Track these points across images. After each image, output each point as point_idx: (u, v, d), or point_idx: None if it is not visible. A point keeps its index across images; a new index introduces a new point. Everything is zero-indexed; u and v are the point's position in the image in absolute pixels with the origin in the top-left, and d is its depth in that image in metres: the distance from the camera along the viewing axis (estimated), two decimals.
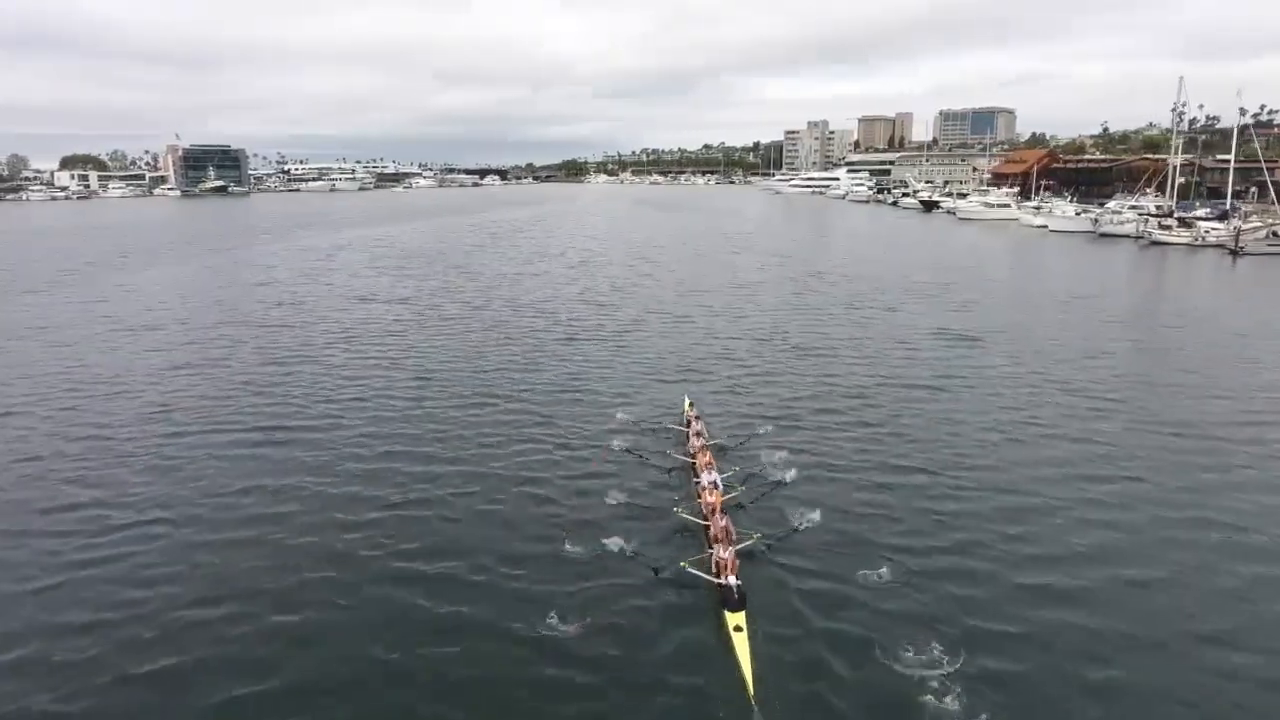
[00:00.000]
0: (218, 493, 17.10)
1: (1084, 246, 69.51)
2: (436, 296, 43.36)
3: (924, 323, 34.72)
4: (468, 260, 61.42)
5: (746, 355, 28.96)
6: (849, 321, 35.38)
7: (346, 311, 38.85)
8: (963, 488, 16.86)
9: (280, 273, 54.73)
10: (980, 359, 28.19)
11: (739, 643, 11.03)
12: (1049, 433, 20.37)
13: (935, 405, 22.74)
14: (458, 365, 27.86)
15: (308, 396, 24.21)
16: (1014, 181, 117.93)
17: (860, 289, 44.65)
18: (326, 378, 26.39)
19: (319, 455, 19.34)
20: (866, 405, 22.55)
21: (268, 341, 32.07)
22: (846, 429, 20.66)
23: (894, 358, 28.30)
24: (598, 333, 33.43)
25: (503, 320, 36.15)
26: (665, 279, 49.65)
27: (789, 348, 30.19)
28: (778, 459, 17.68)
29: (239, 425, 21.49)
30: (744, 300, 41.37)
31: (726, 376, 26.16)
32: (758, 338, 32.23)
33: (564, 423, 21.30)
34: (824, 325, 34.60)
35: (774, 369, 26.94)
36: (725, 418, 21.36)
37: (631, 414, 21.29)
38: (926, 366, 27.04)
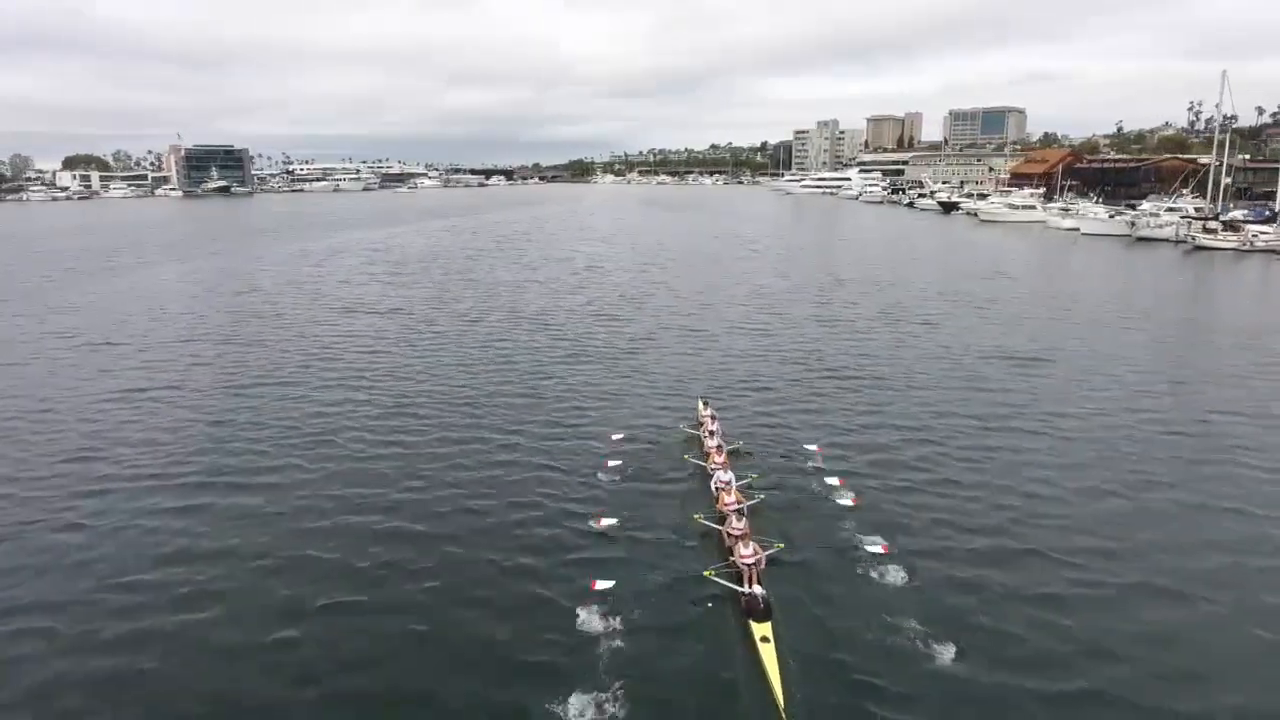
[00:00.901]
0: (135, 574, 13.54)
1: (1122, 252, 65.28)
2: (430, 307, 39.70)
3: (973, 340, 30.84)
4: (467, 266, 57.77)
5: (775, 379, 25.15)
6: (888, 339, 31.48)
7: (328, 326, 35.21)
8: (1000, 496, 16.26)
9: (265, 279, 51.20)
10: (1048, 385, 24.33)
11: (767, 655, 10.65)
12: (1140, 474, 17.10)
13: (996, 435, 19.83)
14: (447, 391, 24.17)
15: (268, 432, 20.58)
16: (1040, 182, 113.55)
17: (893, 299, 40.76)
18: (293, 408, 22.75)
19: (278, 500, 16.14)
20: (925, 441, 18.92)
21: (232, 363, 28.45)
22: (899, 450, 18.60)
23: (948, 384, 24.47)
24: (606, 350, 29.68)
25: (501, 336, 32.44)
26: (678, 287, 45.87)
27: (824, 371, 26.38)
28: (798, 462, 17.41)
29: (175, 477, 17.87)
30: (766, 312, 37.54)
31: (753, 398, 22.86)
32: (786, 357, 28.45)
33: (567, 441, 19.79)
34: (859, 342, 30.74)
35: (809, 396, 23.14)
36: (751, 431, 20.20)
37: (645, 421, 20.83)
38: (986, 395, 23.22)
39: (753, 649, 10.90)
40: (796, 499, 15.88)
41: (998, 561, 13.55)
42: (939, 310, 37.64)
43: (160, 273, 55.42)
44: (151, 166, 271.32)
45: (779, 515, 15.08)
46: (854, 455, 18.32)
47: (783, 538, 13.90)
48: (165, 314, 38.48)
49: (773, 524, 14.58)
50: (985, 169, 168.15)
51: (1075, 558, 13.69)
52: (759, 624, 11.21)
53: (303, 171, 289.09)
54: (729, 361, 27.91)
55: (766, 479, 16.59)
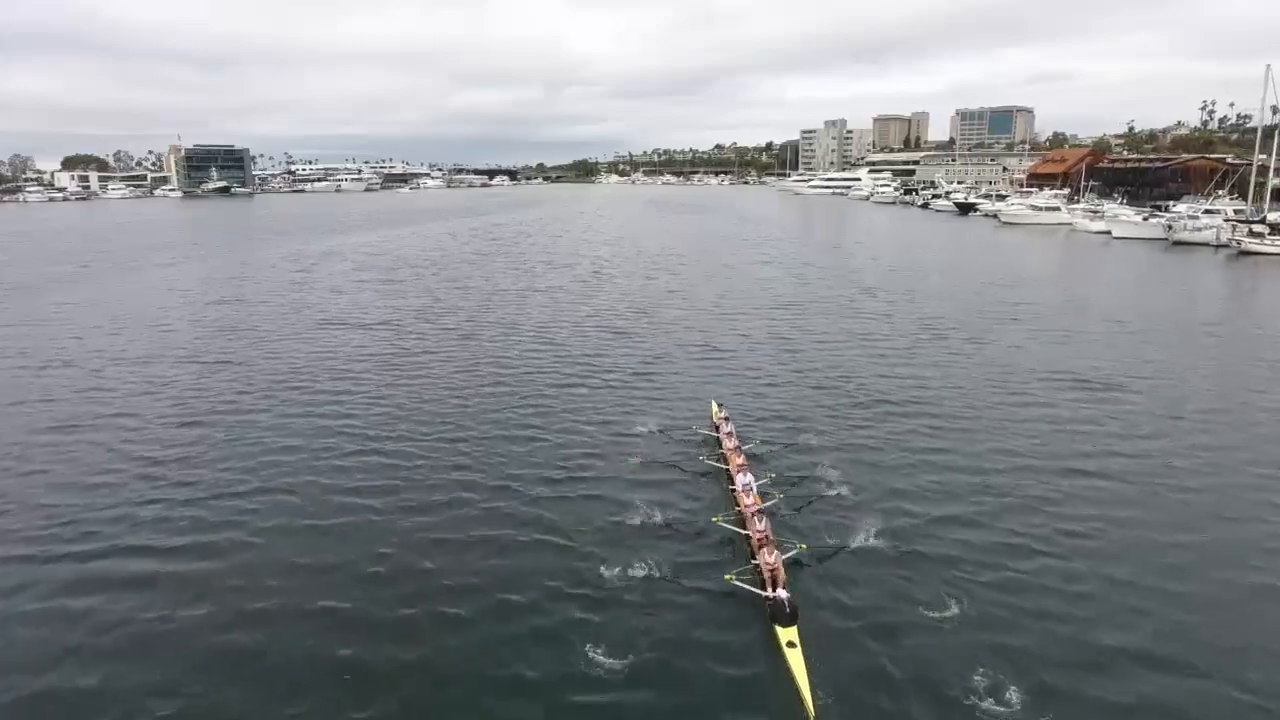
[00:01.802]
0: None
1: (1161, 257, 61.43)
2: (422, 319, 36.21)
3: (1025, 359, 27.25)
4: (465, 271, 54.26)
5: (810, 409, 21.52)
6: (930, 356, 27.85)
7: (308, 341, 31.70)
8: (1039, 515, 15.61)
9: (248, 287, 47.76)
10: (1125, 415, 20.73)
11: (793, 660, 10.51)
12: None
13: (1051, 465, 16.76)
14: (432, 424, 20.65)
15: (228, 473, 17.12)
16: (1064, 183, 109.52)
17: (929, 310, 37.13)
18: (253, 444, 19.28)
19: None
20: (1006, 507, 15.36)
21: (190, 387, 24.99)
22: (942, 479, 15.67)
23: (999, 407, 20.88)
24: (615, 370, 26.11)
25: (497, 354, 28.87)
26: (692, 295, 42.31)
27: (864, 397, 22.81)
28: (815, 465, 17.36)
29: (114, 539, 14.56)
30: (790, 327, 33.94)
31: (782, 421, 20.13)
32: (817, 378, 24.90)
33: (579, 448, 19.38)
34: (898, 362, 27.11)
35: (850, 427, 19.60)
36: (769, 437, 19.96)
37: (657, 423, 20.42)
38: (1043, 418, 19.65)
39: (779, 654, 10.80)
40: (815, 501, 15.74)
41: (1025, 562, 13.45)
42: (981, 323, 34.00)
43: (133, 280, 51.96)
44: (152, 167, 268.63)
45: (798, 517, 15.06)
46: (880, 461, 18.11)
47: (803, 539, 13.82)
48: (123, 330, 34.98)
49: (792, 525, 14.60)
50: (999, 169, 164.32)
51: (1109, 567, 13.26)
52: (785, 629, 11.07)
53: (304, 172, 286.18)
54: (752, 382, 24.40)
55: (783, 482, 16.40)
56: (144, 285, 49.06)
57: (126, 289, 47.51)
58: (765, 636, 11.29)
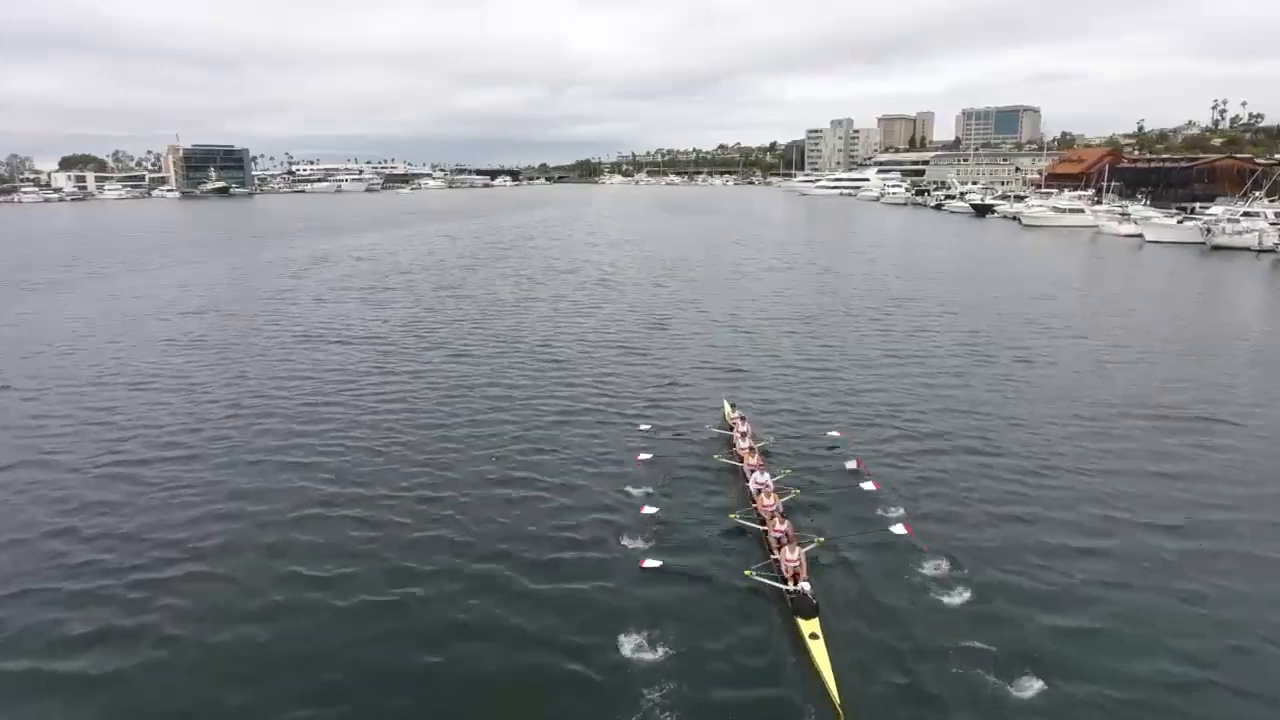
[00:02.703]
0: None
1: (1202, 263, 57.66)
2: (412, 333, 32.79)
3: (1099, 388, 23.71)
4: (462, 278, 50.82)
5: (866, 452, 17.98)
6: (984, 381, 24.30)
7: (279, 361, 28.28)
8: None
9: (228, 294, 44.39)
10: (1228, 461, 17.20)
11: (816, 651, 10.55)
12: None
13: None
14: (426, 442, 17.22)
15: (135, 557, 13.68)
16: (1083, 183, 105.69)
17: (967, 326, 33.62)
18: (193, 500, 15.88)
19: None
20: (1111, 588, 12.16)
21: (146, 414, 21.77)
22: None
23: (1066, 442, 17.37)
24: (631, 403, 22.54)
25: (493, 377, 25.41)
26: (707, 305, 38.82)
27: (916, 432, 19.30)
28: (831, 460, 17.49)
29: None
30: (818, 344, 30.43)
31: (805, 438, 16.51)
32: (863, 416, 21.32)
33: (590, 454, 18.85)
34: (943, 390, 23.56)
35: (904, 464, 16.14)
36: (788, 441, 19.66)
37: (668, 422, 20.53)
38: (1125, 455, 16.18)
39: (802, 646, 10.81)
40: (830, 495, 15.87)
41: (1047, 557, 13.48)
42: (1036, 342, 30.44)
43: (105, 287, 48.58)
44: (151, 167, 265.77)
45: (814, 511, 15.16)
46: (894, 457, 18.38)
47: (819, 533, 13.78)
48: (86, 343, 31.63)
49: (808, 520, 14.63)
50: (1012, 169, 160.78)
51: None
52: (807, 621, 11.10)
53: (304, 172, 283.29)
54: (784, 413, 20.84)
55: (798, 477, 16.47)
56: (115, 294, 45.67)
57: (96, 298, 44.12)
58: (788, 629, 11.40)
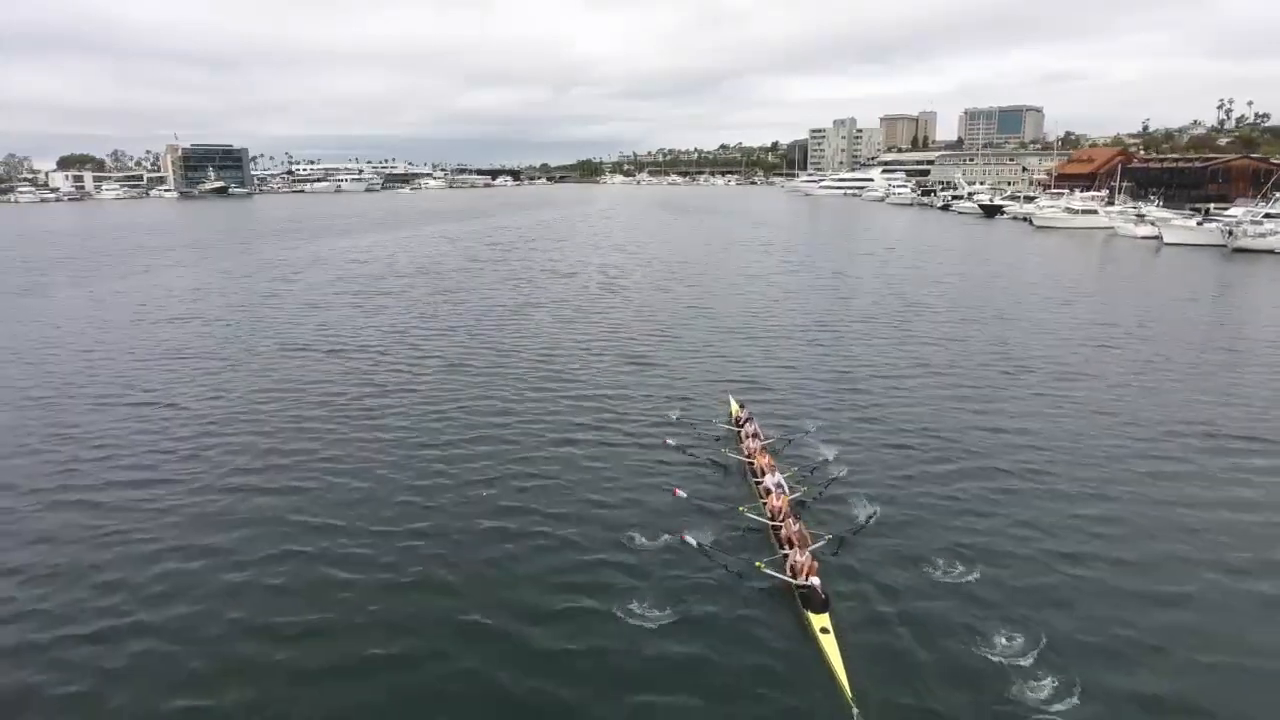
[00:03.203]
0: None
1: (1226, 268, 55.61)
2: (404, 342, 30.88)
3: (1149, 411, 21.76)
4: (460, 281, 48.91)
5: (904, 499, 16.11)
6: (1015, 402, 22.37)
7: (264, 373, 26.38)
8: None
9: (213, 300, 42.49)
10: None
11: (828, 645, 10.65)
12: None
13: None
14: (402, 485, 15.32)
15: (82, 609, 11.80)
16: (1099, 183, 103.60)
17: (991, 334, 31.68)
18: (165, 528, 13.98)
19: None
20: None
21: (108, 433, 19.95)
22: None
23: (1126, 470, 15.47)
24: (638, 419, 20.57)
25: (491, 390, 23.51)
26: (718, 312, 36.90)
27: (949, 454, 17.39)
28: (834, 456, 17.42)
29: None
30: (837, 355, 28.50)
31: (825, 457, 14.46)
32: (881, 429, 19.38)
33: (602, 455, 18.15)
34: (971, 404, 21.64)
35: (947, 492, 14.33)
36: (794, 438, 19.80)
37: (678, 419, 20.44)
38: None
39: (813, 640, 10.85)
40: (836, 492, 15.79)
41: (1052, 546, 13.72)
42: (1066, 353, 28.50)
43: (87, 291, 46.71)
44: (150, 167, 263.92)
45: (823, 508, 15.14)
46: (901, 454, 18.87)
47: (828, 530, 13.80)
48: (56, 354, 29.74)
49: (816, 516, 14.66)
50: (1019, 169, 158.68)
51: None
52: (817, 615, 11.11)
53: (304, 172, 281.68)
54: (799, 420, 18.88)
55: (804, 474, 16.46)
56: (98, 299, 43.80)
57: (75, 304, 42.26)
58: (798, 623, 11.44)
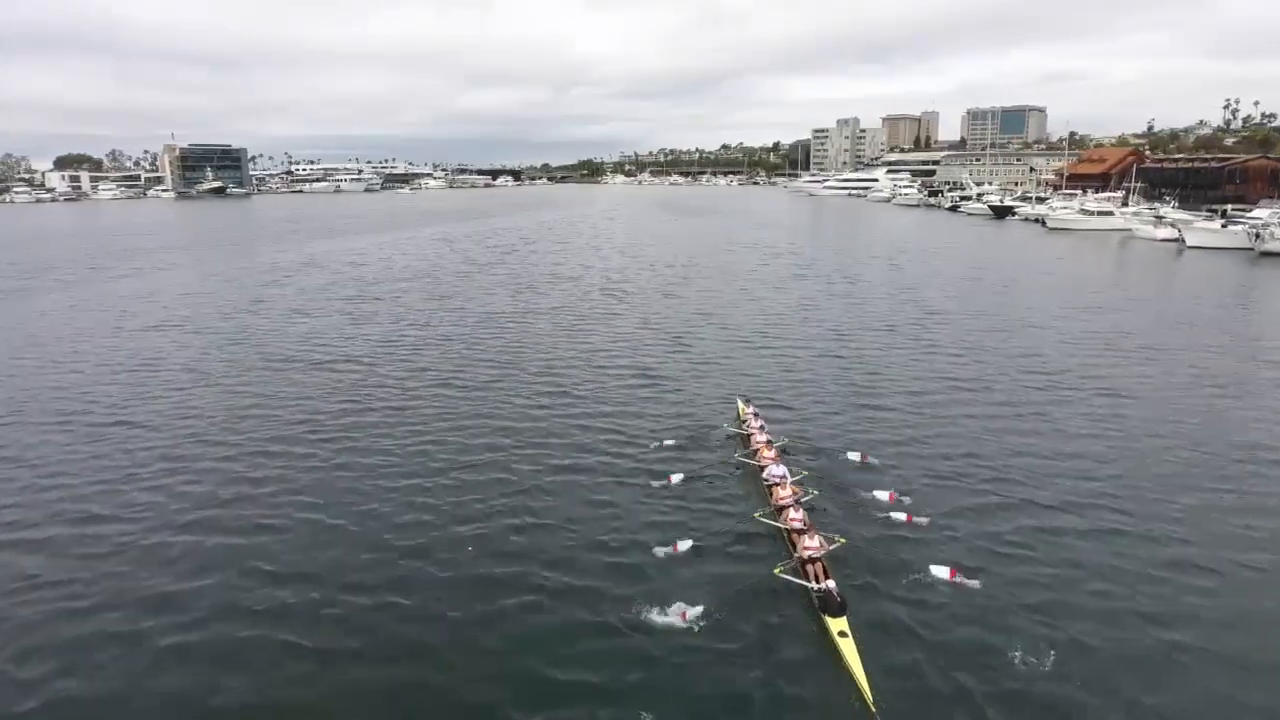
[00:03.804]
0: None
1: (1257, 272, 53.26)
2: (395, 354, 28.78)
3: (1219, 438, 19.64)
4: (457, 287, 46.81)
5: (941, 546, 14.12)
6: (1057, 420, 20.24)
7: (239, 390, 24.26)
8: None
9: (195, 306, 40.36)
10: None
11: (846, 648, 10.58)
12: None
13: None
14: (383, 520, 13.27)
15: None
16: (1110, 183, 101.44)
17: (1023, 345, 29.56)
18: (117, 576, 11.90)
19: None
20: None
21: (63, 460, 17.67)
22: None
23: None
24: (645, 440, 18.47)
25: (486, 407, 21.40)
26: (728, 320, 34.79)
27: (990, 487, 15.30)
28: (848, 455, 17.46)
29: None
30: (860, 371, 26.34)
31: None
32: (921, 452, 17.26)
33: None
34: (1010, 425, 19.50)
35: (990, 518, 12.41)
36: None
37: (684, 422, 20.23)
38: None
39: (831, 644, 10.85)
40: (847, 492, 15.76)
41: (1065, 548, 13.60)
42: (1104, 365, 26.37)
43: (68, 297, 44.61)
44: (148, 167, 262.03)
45: (835, 509, 15.03)
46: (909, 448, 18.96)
47: (841, 532, 13.58)
48: (18, 367, 27.64)
49: (829, 518, 14.53)
50: (1026, 169, 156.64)
51: None
52: (835, 619, 11.07)
53: (303, 172, 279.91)
54: (819, 438, 16.82)
55: (816, 474, 16.34)
56: (76, 303, 41.73)
57: (54, 308, 40.20)
58: (816, 627, 11.38)
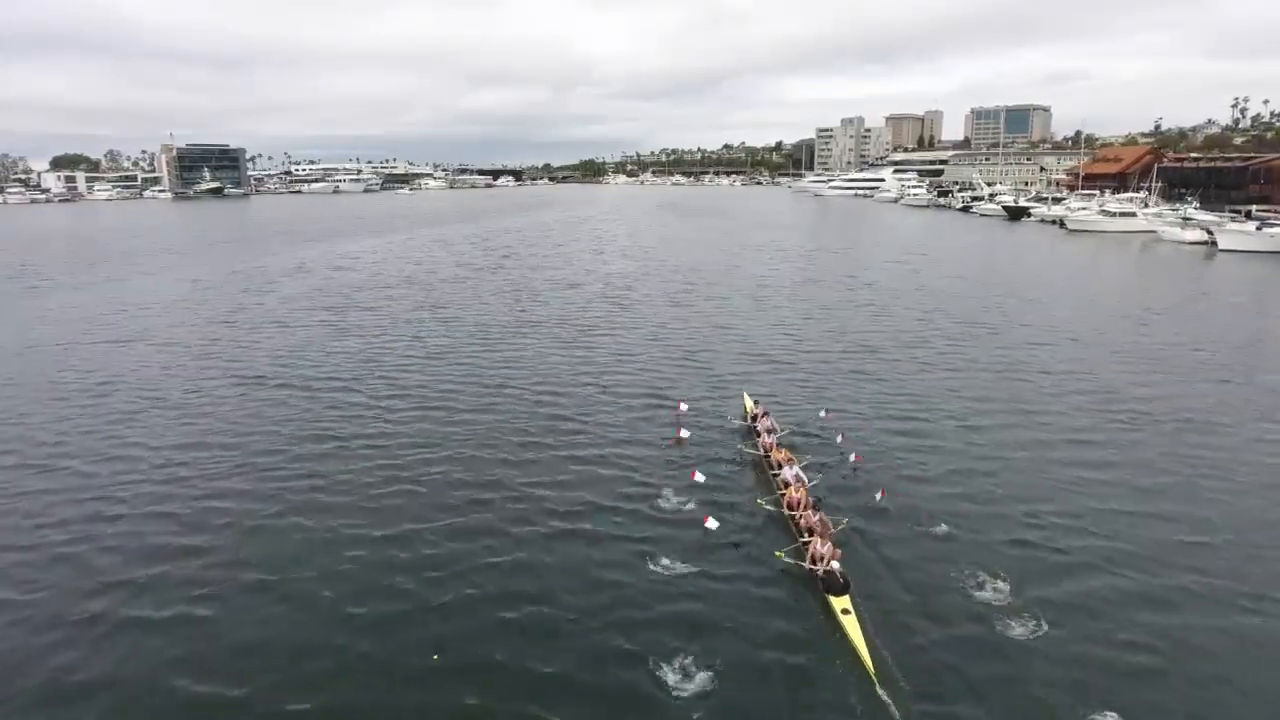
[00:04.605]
0: None
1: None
2: (377, 372, 25.92)
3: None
4: (447, 296, 43.92)
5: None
6: (1138, 459, 17.37)
7: (203, 415, 21.40)
8: None
9: (170, 316, 37.48)
10: None
11: (849, 625, 10.96)
12: None
13: None
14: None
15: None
16: (1127, 183, 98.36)
17: (1075, 362, 26.65)
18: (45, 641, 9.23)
19: None
20: None
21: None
22: None
23: None
24: (656, 485, 15.67)
25: (472, 446, 18.52)
26: (746, 334, 31.87)
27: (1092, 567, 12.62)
28: (850, 448, 17.86)
29: None
30: (901, 394, 23.48)
31: None
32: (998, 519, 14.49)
33: None
34: (1084, 464, 16.63)
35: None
36: None
37: (692, 418, 20.32)
38: None
39: (834, 621, 11.21)
40: (851, 482, 16.28)
41: (1060, 530, 14.30)
42: (1191, 395, 23.44)
43: (39, 305, 41.77)
44: (147, 167, 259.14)
45: (838, 499, 15.41)
46: None
47: (845, 518, 14.12)
48: None
49: (832, 506, 14.83)
50: (1037, 168, 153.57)
51: None
52: (837, 598, 11.45)
53: (302, 172, 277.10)
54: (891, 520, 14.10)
55: (819, 465, 16.82)
56: (42, 314, 38.88)
57: (16, 317, 37.34)
58: (819, 606, 11.75)
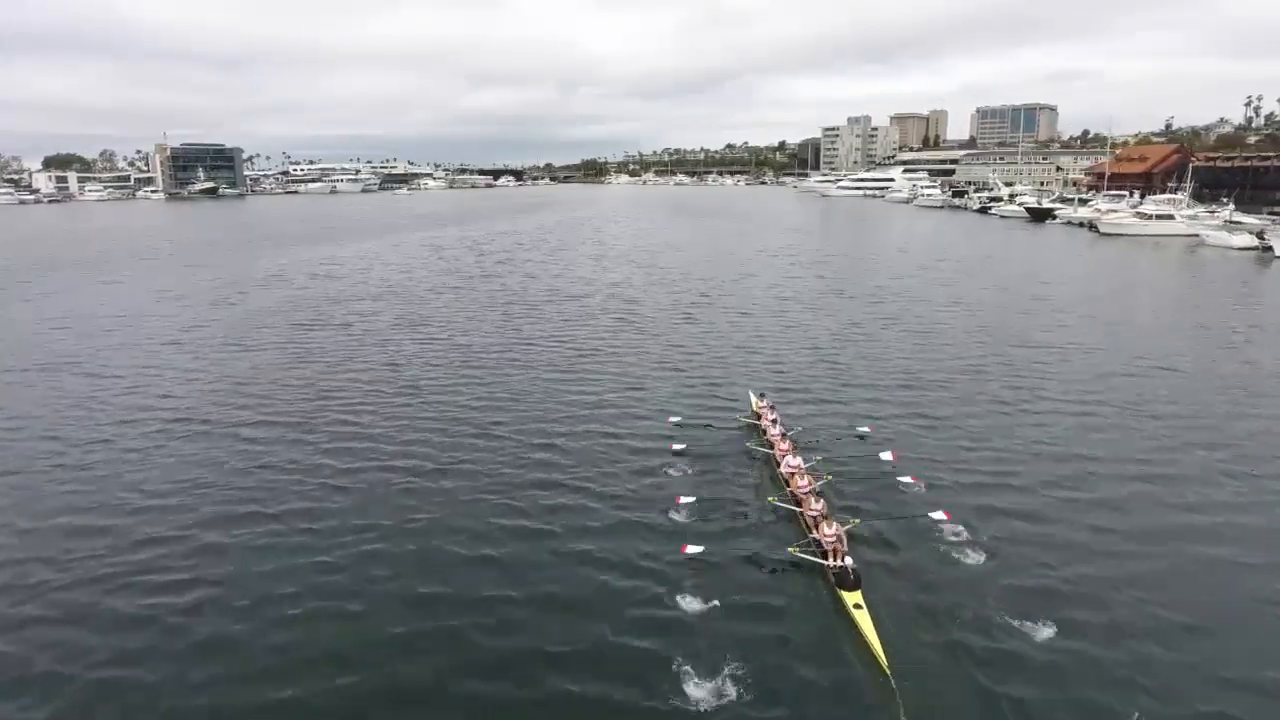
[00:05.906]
0: None
1: None
2: (347, 405, 21.60)
3: None
4: (436, 308, 39.66)
5: None
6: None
7: (142, 455, 17.07)
8: None
9: (120, 333, 33.14)
10: None
11: (862, 620, 10.98)
12: None
13: None
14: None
15: None
16: (1153, 183, 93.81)
17: (1154, 388, 22.30)
18: None
19: None
20: None
21: None
22: None
23: None
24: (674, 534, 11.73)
25: (456, 508, 14.25)
26: (769, 355, 27.49)
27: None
28: (857, 443, 18.15)
29: None
30: (964, 433, 19.14)
31: None
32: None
33: None
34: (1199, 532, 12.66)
35: None
36: None
37: (694, 417, 20.31)
38: None
39: (847, 616, 11.27)
40: (865, 482, 16.23)
41: (1065, 525, 14.30)
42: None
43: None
44: (142, 167, 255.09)
45: (848, 495, 15.53)
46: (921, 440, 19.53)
47: (855, 515, 14.15)
48: None
49: (843, 503, 14.98)
50: (1053, 168, 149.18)
51: None
52: (849, 593, 11.50)
53: (299, 172, 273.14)
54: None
55: (827, 460, 16.87)
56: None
57: None
58: (832, 602, 11.83)
